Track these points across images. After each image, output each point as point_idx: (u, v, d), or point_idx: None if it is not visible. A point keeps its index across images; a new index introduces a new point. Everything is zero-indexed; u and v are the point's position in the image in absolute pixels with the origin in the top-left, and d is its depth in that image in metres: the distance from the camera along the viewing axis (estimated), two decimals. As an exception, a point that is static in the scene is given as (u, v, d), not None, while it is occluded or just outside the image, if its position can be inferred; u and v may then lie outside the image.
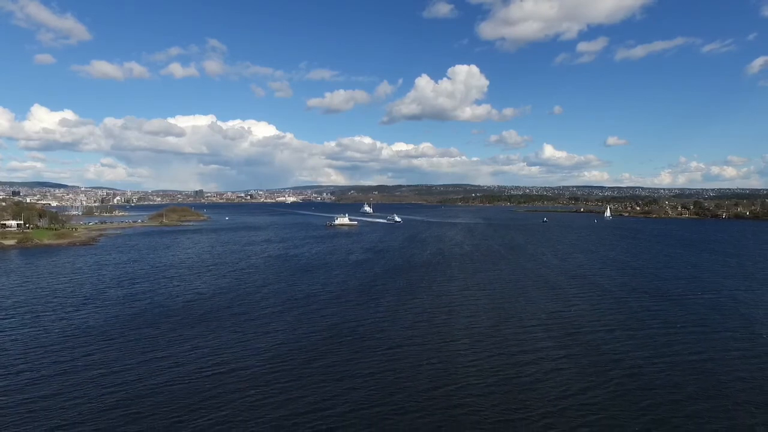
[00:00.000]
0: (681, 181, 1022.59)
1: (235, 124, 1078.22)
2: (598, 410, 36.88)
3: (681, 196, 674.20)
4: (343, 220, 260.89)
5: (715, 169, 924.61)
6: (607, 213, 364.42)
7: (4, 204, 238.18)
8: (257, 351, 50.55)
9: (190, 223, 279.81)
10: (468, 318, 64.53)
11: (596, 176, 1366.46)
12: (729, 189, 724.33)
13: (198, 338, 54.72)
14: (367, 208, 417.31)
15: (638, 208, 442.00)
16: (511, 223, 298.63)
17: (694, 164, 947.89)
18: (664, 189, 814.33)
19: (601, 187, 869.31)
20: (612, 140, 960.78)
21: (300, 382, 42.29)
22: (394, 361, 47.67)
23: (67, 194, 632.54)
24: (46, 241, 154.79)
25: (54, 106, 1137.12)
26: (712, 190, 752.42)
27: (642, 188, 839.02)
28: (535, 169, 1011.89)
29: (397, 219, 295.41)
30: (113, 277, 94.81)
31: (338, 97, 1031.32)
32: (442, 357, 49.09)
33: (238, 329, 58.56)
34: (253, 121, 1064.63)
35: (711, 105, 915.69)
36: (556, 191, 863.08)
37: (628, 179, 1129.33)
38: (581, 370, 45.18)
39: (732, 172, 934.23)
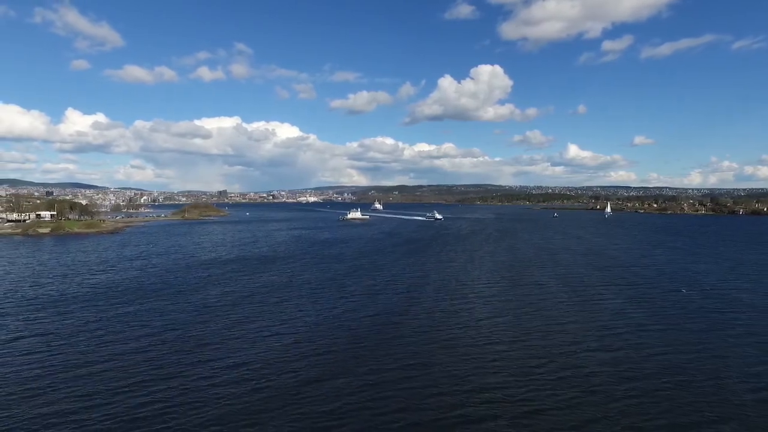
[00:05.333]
0: (712, 181, 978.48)
1: (259, 125, 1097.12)
2: (553, 344, 44.53)
3: (710, 196, 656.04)
4: (355, 214, 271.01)
5: (748, 169, 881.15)
6: (608, 209, 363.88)
7: (39, 201, 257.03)
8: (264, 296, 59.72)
9: (212, 218, 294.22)
10: (451, 274, 73.48)
11: (623, 176, 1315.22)
12: (763, 189, 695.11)
13: (230, 284, 64.38)
14: (378, 206, 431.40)
15: (655, 206, 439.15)
16: (521, 217, 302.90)
17: (726, 164, 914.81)
18: (692, 189, 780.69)
19: (627, 188, 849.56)
20: (639, 140, 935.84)
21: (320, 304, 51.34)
22: (383, 303, 56.30)
23: (97, 194, 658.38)
24: (76, 230, 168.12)
25: (87, 110, 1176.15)
26: (744, 189, 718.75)
27: (670, 188, 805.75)
28: (559, 169, 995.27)
29: (438, 216, 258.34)
30: (137, 252, 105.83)
31: (361, 99, 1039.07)
32: (426, 304, 57.47)
33: (265, 282, 68.06)
34: (277, 123, 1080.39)
35: (743, 103, 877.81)
36: (579, 191, 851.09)
37: (656, 179, 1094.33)
38: (535, 318, 52.90)
39: (767, 172, 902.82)
